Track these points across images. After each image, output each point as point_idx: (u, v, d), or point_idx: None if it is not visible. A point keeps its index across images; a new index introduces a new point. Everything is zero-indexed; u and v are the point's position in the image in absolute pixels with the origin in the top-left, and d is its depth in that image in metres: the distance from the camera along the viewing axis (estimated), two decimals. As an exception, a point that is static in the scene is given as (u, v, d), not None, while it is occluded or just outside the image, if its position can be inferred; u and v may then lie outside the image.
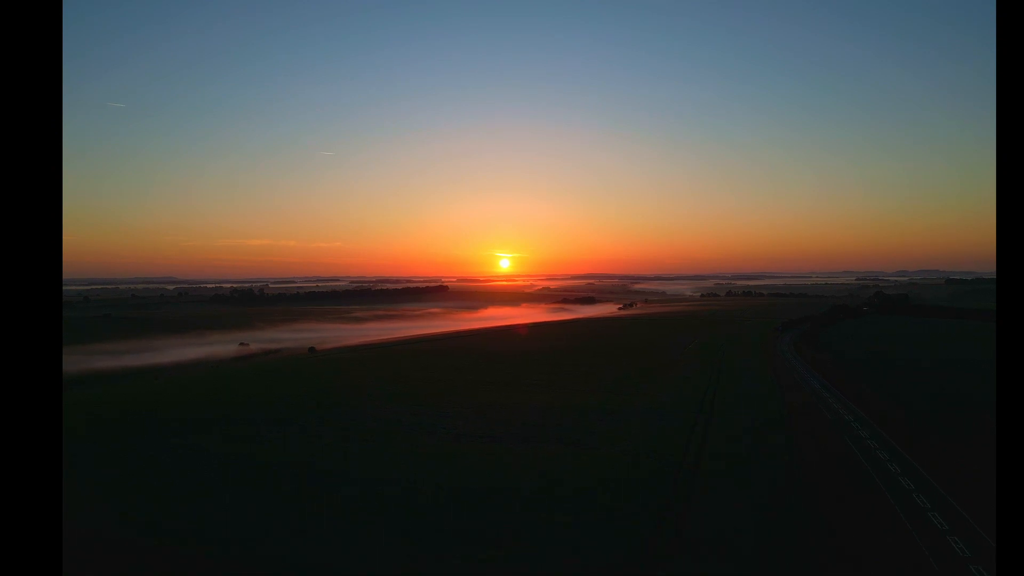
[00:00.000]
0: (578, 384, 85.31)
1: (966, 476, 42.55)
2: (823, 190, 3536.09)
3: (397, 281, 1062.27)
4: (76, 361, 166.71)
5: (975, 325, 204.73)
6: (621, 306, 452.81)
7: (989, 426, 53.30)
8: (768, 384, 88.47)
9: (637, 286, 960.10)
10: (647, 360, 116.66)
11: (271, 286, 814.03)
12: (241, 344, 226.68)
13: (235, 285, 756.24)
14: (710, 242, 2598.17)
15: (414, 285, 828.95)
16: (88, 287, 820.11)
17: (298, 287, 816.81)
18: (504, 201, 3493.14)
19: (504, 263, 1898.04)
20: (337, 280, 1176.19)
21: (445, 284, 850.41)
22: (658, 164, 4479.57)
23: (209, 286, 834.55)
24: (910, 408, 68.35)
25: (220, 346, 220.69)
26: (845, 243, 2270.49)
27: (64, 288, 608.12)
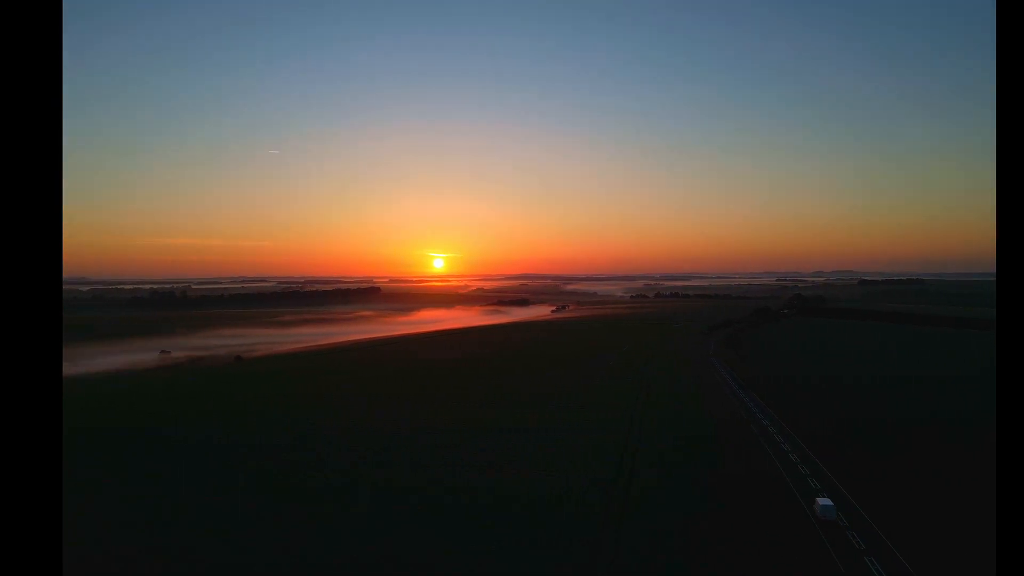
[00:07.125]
0: (521, 399, 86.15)
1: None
2: (748, 196, 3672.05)
3: (327, 282, 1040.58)
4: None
5: (885, 327, 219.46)
6: (555, 308, 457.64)
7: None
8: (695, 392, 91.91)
9: (569, 287, 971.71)
10: (585, 367, 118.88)
11: (194, 287, 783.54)
12: (163, 352, 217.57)
13: (155, 286, 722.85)
14: (640, 243, 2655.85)
15: (345, 286, 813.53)
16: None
17: (223, 288, 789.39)
18: (439, 200, 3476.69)
19: (438, 263, 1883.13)
20: (264, 280, 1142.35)
21: (377, 285, 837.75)
22: (593, 167, 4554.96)
23: (126, 287, 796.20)
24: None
25: (141, 354, 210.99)
26: (766, 245, 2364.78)
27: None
